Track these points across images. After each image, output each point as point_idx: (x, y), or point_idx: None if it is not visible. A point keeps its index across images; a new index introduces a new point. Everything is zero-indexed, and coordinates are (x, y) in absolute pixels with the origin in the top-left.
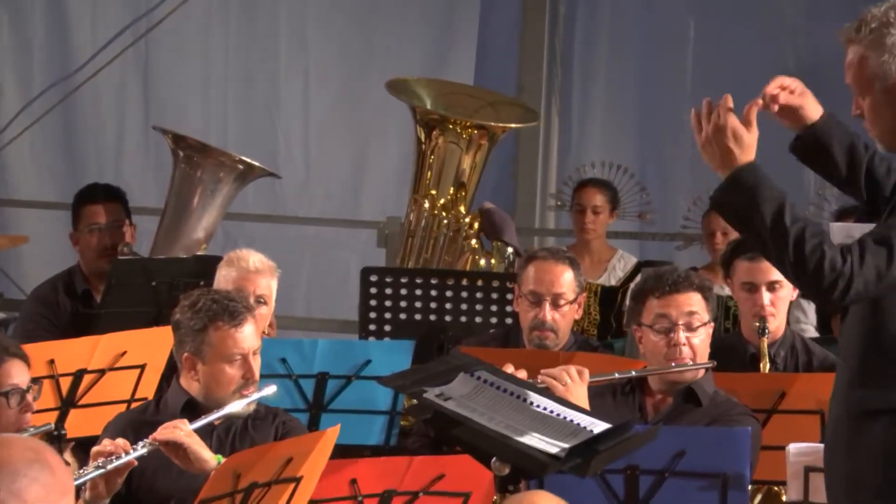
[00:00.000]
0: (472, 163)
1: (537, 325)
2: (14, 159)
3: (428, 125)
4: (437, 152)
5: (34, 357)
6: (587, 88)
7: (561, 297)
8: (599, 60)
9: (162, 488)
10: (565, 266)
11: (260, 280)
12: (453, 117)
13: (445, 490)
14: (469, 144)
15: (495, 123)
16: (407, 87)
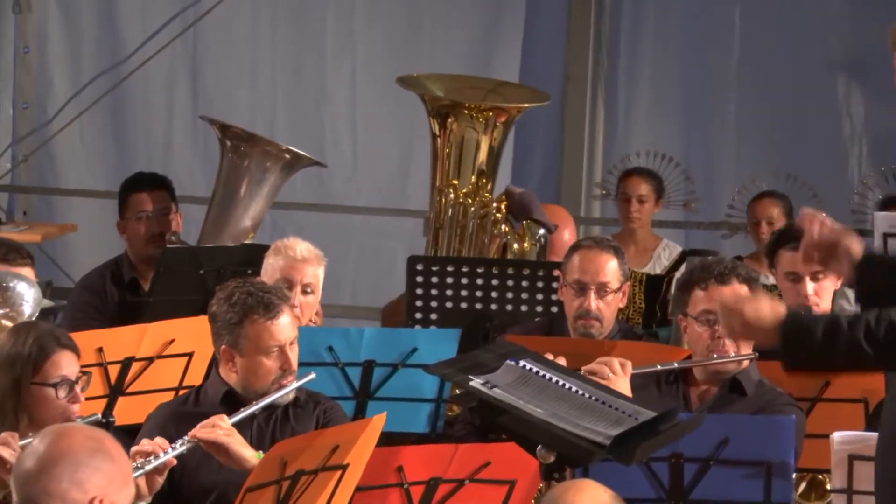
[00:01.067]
0: (489, 146)
1: (582, 313)
2: (63, 148)
3: (441, 114)
4: (453, 139)
5: (83, 345)
6: (633, 78)
7: (606, 286)
8: (645, 49)
9: (204, 482)
10: (610, 255)
11: (307, 269)
12: (467, 102)
13: (491, 478)
14: (486, 127)
15: (509, 104)
16: (417, 82)
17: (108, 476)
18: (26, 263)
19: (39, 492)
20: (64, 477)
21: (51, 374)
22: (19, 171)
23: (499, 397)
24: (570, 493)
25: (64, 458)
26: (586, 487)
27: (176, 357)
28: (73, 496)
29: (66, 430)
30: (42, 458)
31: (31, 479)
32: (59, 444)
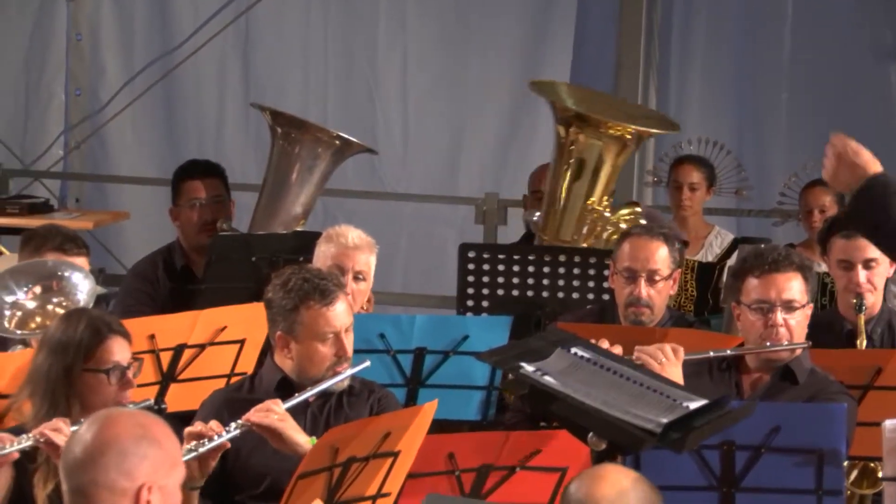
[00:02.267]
0: (612, 163)
1: (633, 301)
2: (115, 135)
3: (567, 123)
4: (575, 150)
5: (135, 332)
6: (685, 65)
7: (656, 274)
8: (697, 37)
9: (257, 467)
10: (660, 242)
11: (359, 256)
12: (595, 116)
13: (542, 465)
14: (610, 144)
15: (636, 126)
16: (549, 88)
17: (155, 462)
18: (82, 253)
19: (88, 482)
20: (111, 467)
21: (103, 360)
22: (72, 159)
23: (550, 385)
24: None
25: (111, 447)
26: (607, 474)
27: (228, 344)
28: (121, 485)
29: (112, 417)
30: (89, 447)
31: (79, 470)
32: (105, 433)
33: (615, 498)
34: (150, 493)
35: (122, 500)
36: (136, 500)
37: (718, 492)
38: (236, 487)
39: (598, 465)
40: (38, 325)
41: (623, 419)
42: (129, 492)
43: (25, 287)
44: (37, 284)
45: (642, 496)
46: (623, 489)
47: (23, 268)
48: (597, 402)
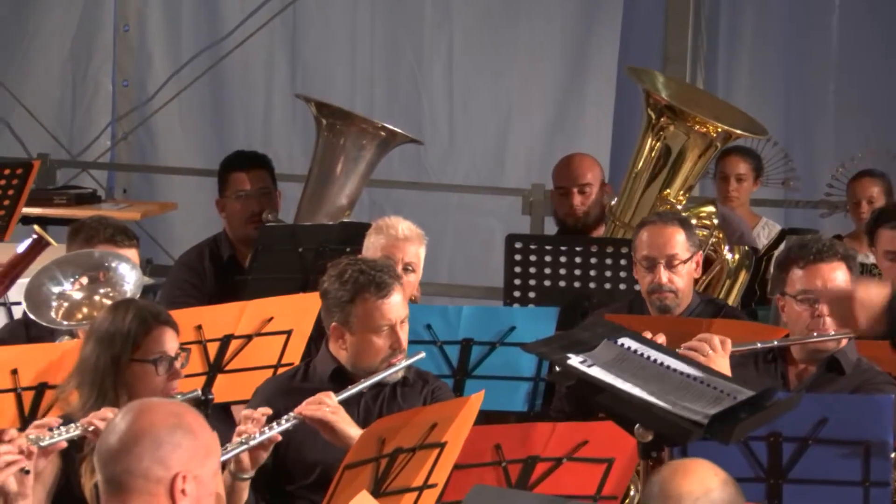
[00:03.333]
0: (695, 159)
1: (655, 287)
2: (163, 127)
3: (658, 111)
4: (662, 139)
5: (182, 322)
6: (732, 57)
7: (674, 258)
8: (744, 29)
9: (308, 458)
10: (675, 227)
11: (408, 247)
12: (685, 109)
13: (589, 456)
14: (698, 140)
15: (726, 127)
16: (646, 76)
17: (189, 451)
18: (132, 245)
19: (122, 471)
20: (146, 455)
21: (150, 350)
22: (119, 149)
23: (597, 376)
24: (679, 476)
25: (145, 436)
26: (696, 470)
27: (275, 335)
28: (155, 474)
29: (147, 406)
30: (123, 436)
31: (113, 459)
32: (139, 422)
33: (700, 495)
34: (185, 482)
35: (156, 489)
36: (171, 488)
37: (765, 483)
38: (288, 477)
39: (690, 459)
40: (85, 316)
41: (670, 410)
42: (163, 480)
43: (72, 278)
44: (84, 275)
45: (727, 498)
46: (709, 488)
47: (70, 259)
48: (644, 393)
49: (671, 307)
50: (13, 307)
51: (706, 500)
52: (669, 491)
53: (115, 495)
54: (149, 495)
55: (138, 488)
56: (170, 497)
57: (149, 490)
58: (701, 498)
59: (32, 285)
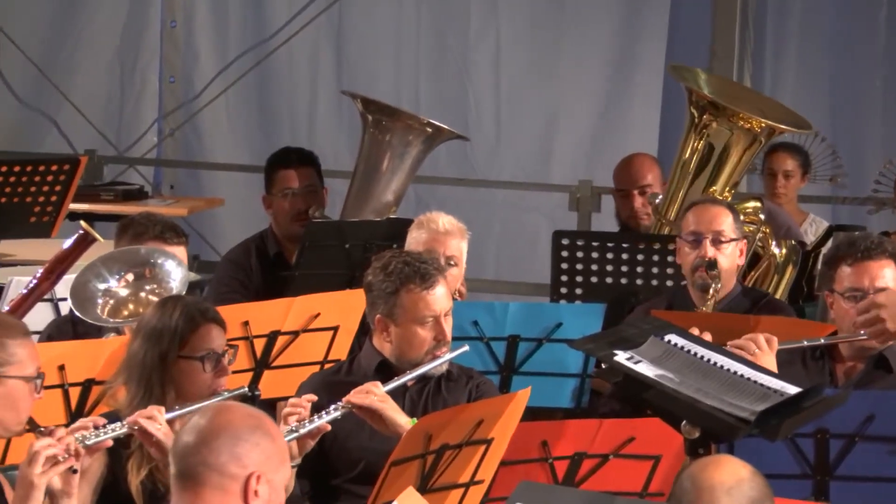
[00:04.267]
0: (739, 156)
1: (698, 263)
2: (210, 123)
3: (700, 109)
4: (704, 136)
5: (229, 319)
6: (779, 54)
7: (721, 235)
8: (791, 25)
9: (354, 449)
10: (723, 208)
11: (450, 241)
12: (729, 105)
13: (635, 453)
14: (742, 137)
15: (769, 122)
16: (689, 75)
17: (266, 453)
18: (181, 242)
19: (198, 463)
20: (224, 450)
21: (198, 347)
22: (166, 145)
23: (644, 372)
24: (710, 469)
25: (224, 431)
26: (725, 463)
27: (321, 331)
28: (231, 470)
29: (228, 406)
30: (202, 431)
31: (190, 452)
32: (219, 419)
33: (732, 485)
34: (259, 483)
35: (230, 485)
36: (245, 487)
37: (812, 480)
38: (332, 471)
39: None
40: (131, 312)
41: (717, 407)
42: (238, 478)
43: (118, 275)
44: (129, 272)
45: (757, 489)
46: (741, 479)
47: (115, 255)
48: (690, 390)
49: (712, 289)
50: (60, 303)
51: (738, 490)
52: (702, 483)
53: (189, 488)
54: (222, 491)
55: (212, 483)
56: (243, 495)
57: (222, 485)
58: (734, 487)
59: (78, 282)
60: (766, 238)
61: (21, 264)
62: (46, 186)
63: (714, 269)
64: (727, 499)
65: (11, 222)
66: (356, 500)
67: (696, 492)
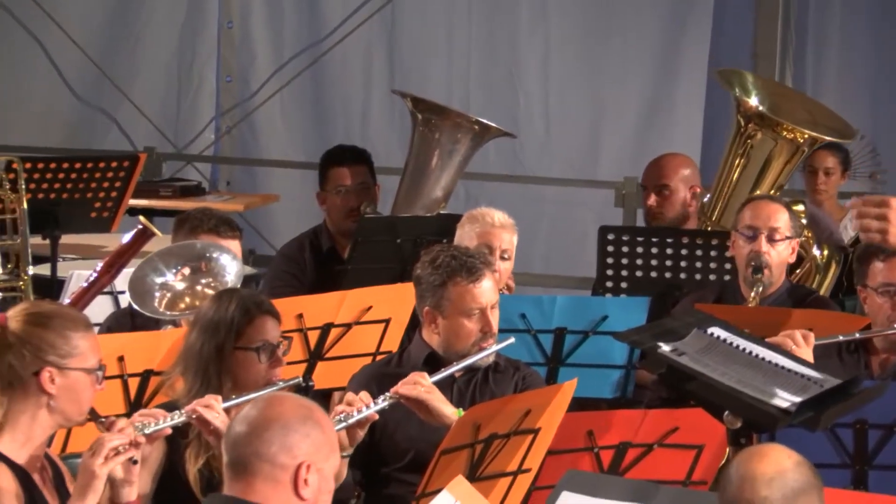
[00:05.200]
0: (783, 163)
1: (753, 257)
2: (265, 121)
3: (747, 116)
4: (749, 143)
5: (283, 311)
6: (820, 53)
7: (776, 232)
8: (832, 25)
9: (402, 439)
10: (781, 206)
11: (503, 235)
12: (776, 118)
13: (679, 443)
14: (785, 144)
15: (812, 133)
16: (735, 78)
17: (316, 443)
18: (235, 236)
19: (250, 454)
20: (275, 441)
21: (253, 338)
22: (223, 143)
23: (687, 364)
24: (755, 459)
25: (276, 422)
26: (770, 453)
27: (373, 323)
28: (281, 460)
29: (279, 397)
30: (254, 421)
31: (242, 441)
32: (271, 410)
33: (774, 476)
34: (309, 472)
35: (281, 475)
36: (295, 476)
37: (851, 469)
38: (382, 460)
39: (765, 444)
40: (187, 305)
41: (758, 398)
42: (288, 468)
43: (175, 269)
44: (186, 266)
45: (801, 479)
46: (783, 469)
47: (172, 250)
48: (732, 381)
49: (765, 283)
50: (119, 296)
51: (780, 480)
52: (745, 473)
53: (240, 478)
54: (273, 480)
55: (263, 472)
56: (293, 485)
57: (273, 475)
58: (776, 478)
59: (136, 276)
60: (807, 241)
61: (82, 258)
62: (107, 183)
63: (760, 273)
64: (767, 490)
65: (73, 217)
66: (406, 487)
67: (738, 481)
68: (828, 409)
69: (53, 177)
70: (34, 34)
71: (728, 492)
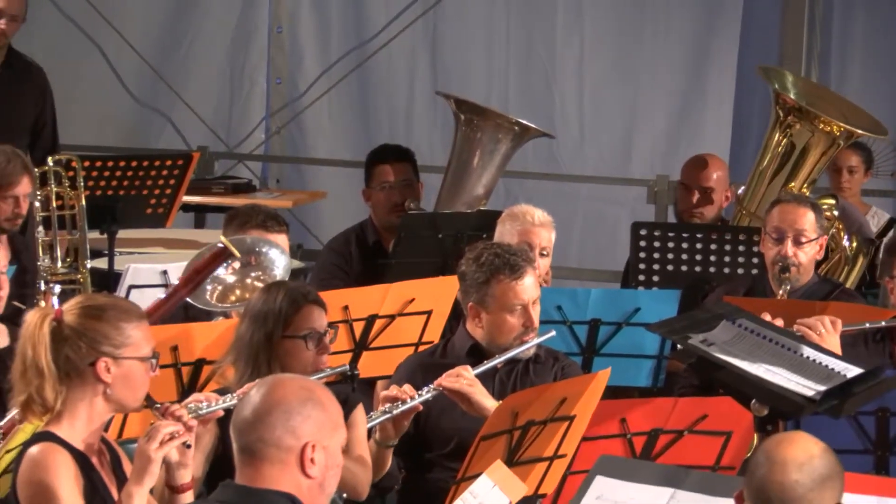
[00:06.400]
0: (818, 157)
1: (779, 259)
2: (313, 121)
3: (785, 110)
4: (788, 136)
5: (330, 303)
6: (844, 54)
7: (802, 235)
8: (856, 25)
9: (446, 428)
10: (807, 208)
11: (543, 232)
12: (812, 109)
13: (708, 429)
14: (821, 139)
15: (848, 126)
16: (775, 75)
17: (318, 423)
18: (282, 231)
19: (255, 439)
20: (278, 425)
21: (300, 327)
22: (273, 142)
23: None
24: (784, 445)
25: (277, 407)
26: (798, 439)
27: (416, 315)
28: (287, 442)
29: (279, 380)
30: (257, 407)
31: (247, 428)
32: (272, 395)
33: (804, 461)
34: (314, 451)
35: (287, 457)
36: (301, 457)
37: (873, 455)
38: (426, 446)
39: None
40: (238, 298)
41: (784, 387)
42: (294, 449)
43: (226, 263)
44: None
45: (828, 465)
46: (812, 455)
47: None
48: (759, 370)
49: (792, 281)
50: None
51: (809, 465)
52: (775, 457)
53: (250, 463)
54: (280, 463)
55: (270, 456)
56: (299, 465)
57: (280, 458)
58: (805, 463)
59: None
60: (837, 233)
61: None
62: (162, 180)
63: (787, 273)
64: (798, 474)
65: (129, 213)
66: (448, 472)
67: (769, 465)
68: (851, 398)
69: (111, 174)
70: (94, 40)
71: (757, 475)
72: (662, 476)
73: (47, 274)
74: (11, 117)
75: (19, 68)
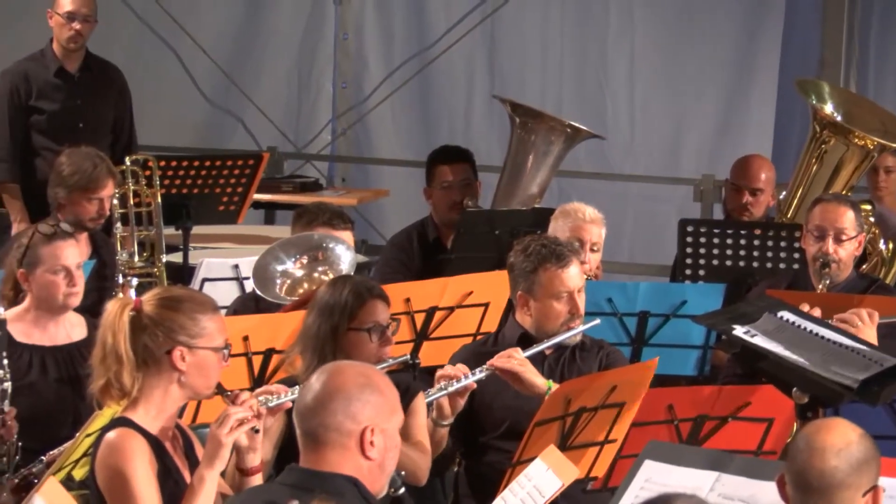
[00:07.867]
0: (852, 170)
1: (820, 256)
2: (377, 123)
3: (822, 123)
4: (823, 148)
5: (392, 296)
6: (882, 61)
7: (843, 233)
8: (892, 34)
9: (499, 409)
10: (847, 207)
11: (593, 229)
12: (848, 126)
13: (751, 416)
14: (856, 152)
15: (881, 140)
16: (813, 87)
17: (377, 407)
18: (347, 228)
19: (317, 425)
20: (339, 410)
21: (365, 320)
22: (339, 143)
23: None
24: (823, 431)
25: (338, 393)
26: (837, 426)
27: (474, 307)
28: (347, 427)
29: (339, 367)
30: (318, 394)
31: (309, 414)
32: (333, 382)
33: (843, 447)
34: (374, 435)
35: (348, 441)
36: (361, 440)
37: None
38: (480, 429)
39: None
40: (305, 291)
41: (824, 376)
42: (354, 433)
43: (294, 258)
44: (304, 255)
45: (865, 450)
46: (850, 441)
47: (292, 240)
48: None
49: (832, 276)
50: (245, 282)
51: (847, 451)
52: (815, 443)
53: (313, 447)
54: (341, 447)
55: (332, 441)
56: (360, 448)
57: (341, 442)
58: (843, 449)
59: (259, 264)
60: (874, 238)
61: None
62: (233, 179)
63: (827, 268)
64: (836, 460)
65: (203, 210)
66: (502, 454)
67: (809, 451)
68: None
69: (185, 174)
70: (169, 44)
71: (798, 461)
72: (708, 460)
73: (125, 268)
74: (94, 118)
75: (97, 70)
